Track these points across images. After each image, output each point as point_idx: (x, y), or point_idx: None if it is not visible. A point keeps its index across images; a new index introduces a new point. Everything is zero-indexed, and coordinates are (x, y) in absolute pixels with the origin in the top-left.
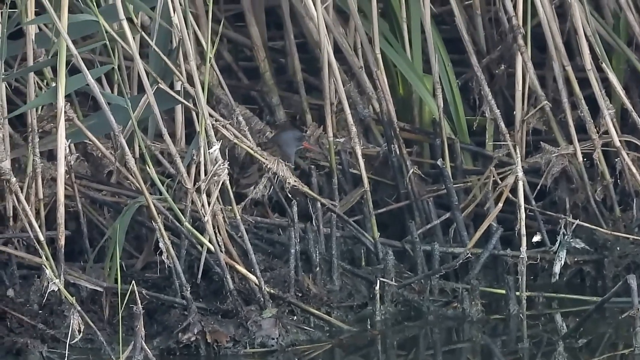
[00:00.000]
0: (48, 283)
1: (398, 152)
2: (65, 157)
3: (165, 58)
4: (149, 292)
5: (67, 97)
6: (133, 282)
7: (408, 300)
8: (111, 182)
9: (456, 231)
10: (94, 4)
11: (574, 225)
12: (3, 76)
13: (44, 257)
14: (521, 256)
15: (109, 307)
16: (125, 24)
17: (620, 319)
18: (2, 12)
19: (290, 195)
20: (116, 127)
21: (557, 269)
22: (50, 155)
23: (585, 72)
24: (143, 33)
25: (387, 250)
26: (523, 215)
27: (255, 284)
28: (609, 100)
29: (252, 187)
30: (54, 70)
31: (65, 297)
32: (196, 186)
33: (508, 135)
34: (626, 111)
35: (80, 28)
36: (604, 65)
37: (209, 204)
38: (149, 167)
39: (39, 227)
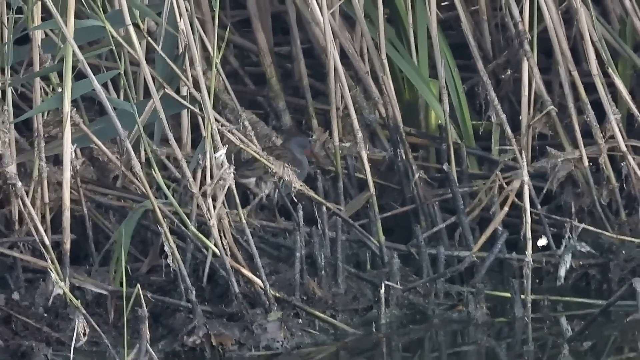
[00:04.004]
0: (53, 286)
1: (404, 157)
2: (71, 162)
3: (171, 63)
4: (154, 295)
5: (73, 102)
6: (138, 285)
7: (413, 304)
8: (117, 186)
9: (462, 235)
10: (100, 9)
11: (579, 229)
12: (9, 81)
13: (49, 261)
14: (526, 260)
15: (114, 311)
16: (131, 29)
17: (625, 323)
18: (8, 18)
19: (295, 200)
20: (122, 132)
21: (562, 272)
22: (56, 160)
23: (592, 77)
24: (149, 38)
25: (393, 253)
26: (529, 219)
27: (261, 287)
28: (615, 105)
29: (254, 180)
30: (60, 76)
31: (70, 300)
32: (202, 190)
33: (514, 140)
34: (632, 116)
35: (87, 33)
36: (610, 70)
37: (214, 208)
38: (155, 172)
39: (45, 231)
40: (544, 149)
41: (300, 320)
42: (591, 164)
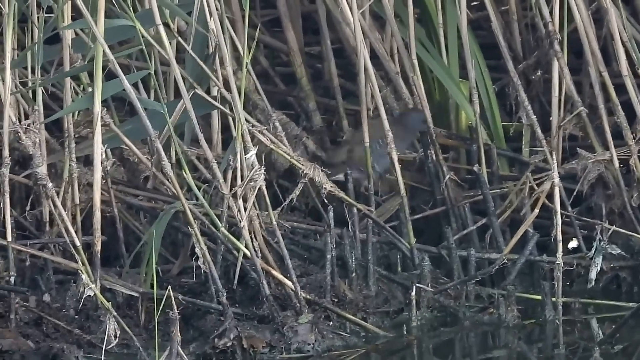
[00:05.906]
0: (84, 288)
1: (434, 158)
2: (101, 163)
3: (201, 63)
4: (185, 297)
5: (104, 102)
6: (169, 287)
7: (444, 306)
8: (147, 187)
9: (492, 237)
10: (131, 9)
11: (610, 231)
12: (40, 81)
13: (80, 263)
14: (557, 262)
15: (145, 313)
16: (161, 29)
17: None
18: (38, 17)
19: (326, 201)
20: (152, 132)
21: (593, 274)
22: (86, 161)
23: (622, 77)
24: (179, 38)
25: (423, 256)
26: (559, 221)
27: (292, 290)
28: None
29: (342, 176)
30: (91, 76)
31: (101, 302)
32: (232, 191)
33: (544, 141)
34: None
35: (117, 33)
36: None
37: (245, 209)
38: (186, 173)
39: (75, 232)
40: (574, 150)
41: (331, 323)
42: (622, 165)
